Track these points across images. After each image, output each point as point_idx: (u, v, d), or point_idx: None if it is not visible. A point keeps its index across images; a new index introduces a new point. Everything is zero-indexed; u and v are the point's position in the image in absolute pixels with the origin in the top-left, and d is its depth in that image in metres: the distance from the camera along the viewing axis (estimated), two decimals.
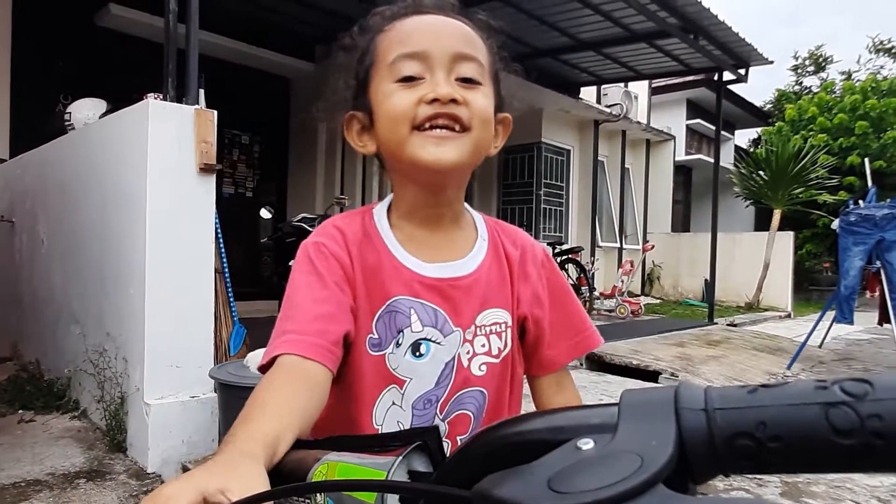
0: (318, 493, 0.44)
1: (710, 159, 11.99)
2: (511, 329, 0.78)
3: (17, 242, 4.34)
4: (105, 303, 3.05)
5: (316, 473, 0.44)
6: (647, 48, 7.33)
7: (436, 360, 0.73)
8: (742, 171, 11.59)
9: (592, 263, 8.46)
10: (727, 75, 7.65)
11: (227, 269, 3.22)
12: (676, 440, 0.29)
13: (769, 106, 18.00)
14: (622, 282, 8.23)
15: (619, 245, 10.49)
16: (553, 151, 9.38)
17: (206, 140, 2.76)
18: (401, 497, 0.40)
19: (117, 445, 2.79)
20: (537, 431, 0.34)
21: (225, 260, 3.20)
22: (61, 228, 3.64)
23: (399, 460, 0.42)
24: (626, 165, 10.82)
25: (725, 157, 13.42)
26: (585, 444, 0.30)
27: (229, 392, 2.50)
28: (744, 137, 18.68)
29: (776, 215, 10.48)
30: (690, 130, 15.48)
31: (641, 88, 11.35)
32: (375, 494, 0.41)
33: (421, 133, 0.68)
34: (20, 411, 3.26)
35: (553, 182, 9.40)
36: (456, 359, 0.74)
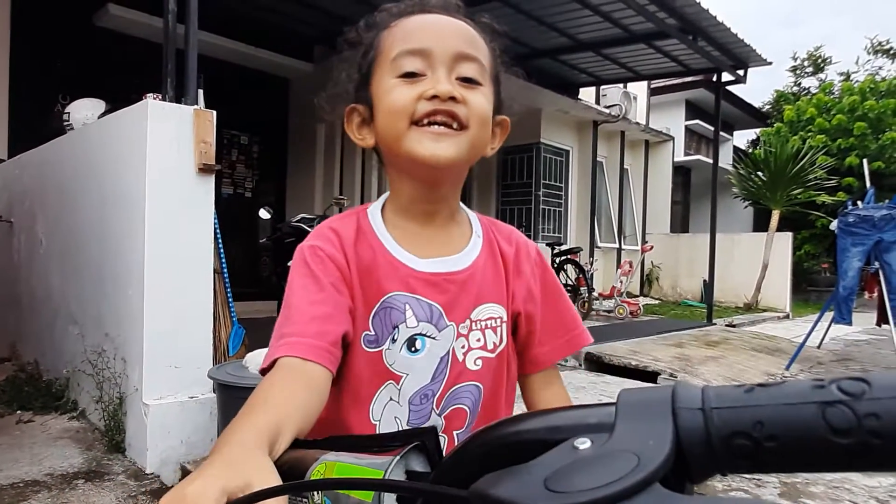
0: (316, 491, 0.44)
1: (709, 160, 12.02)
2: (506, 324, 0.78)
3: (15, 242, 4.33)
4: (104, 303, 3.04)
5: (314, 473, 0.44)
6: (646, 49, 7.33)
7: (431, 355, 0.73)
8: (741, 171, 11.60)
9: (591, 264, 8.46)
10: (726, 76, 7.66)
11: (225, 270, 3.21)
12: (673, 439, 0.29)
13: (768, 107, 17.99)
14: (621, 282, 8.23)
15: (617, 246, 10.49)
16: (552, 152, 9.38)
17: (204, 140, 2.76)
18: (398, 496, 0.40)
19: (116, 446, 2.78)
20: (534, 431, 0.34)
21: (224, 260, 3.20)
22: (60, 228, 3.64)
23: (396, 460, 0.42)
24: (625, 166, 10.83)
25: (724, 158, 13.43)
26: (582, 444, 0.30)
27: (228, 392, 2.49)
28: (742, 138, 18.73)
29: (775, 216, 10.49)
30: (689, 131, 15.50)
31: (640, 89, 11.35)
32: (372, 493, 0.41)
33: (419, 128, 0.69)
34: (18, 412, 3.25)
35: (552, 183, 9.40)
36: (450, 353, 0.74)
